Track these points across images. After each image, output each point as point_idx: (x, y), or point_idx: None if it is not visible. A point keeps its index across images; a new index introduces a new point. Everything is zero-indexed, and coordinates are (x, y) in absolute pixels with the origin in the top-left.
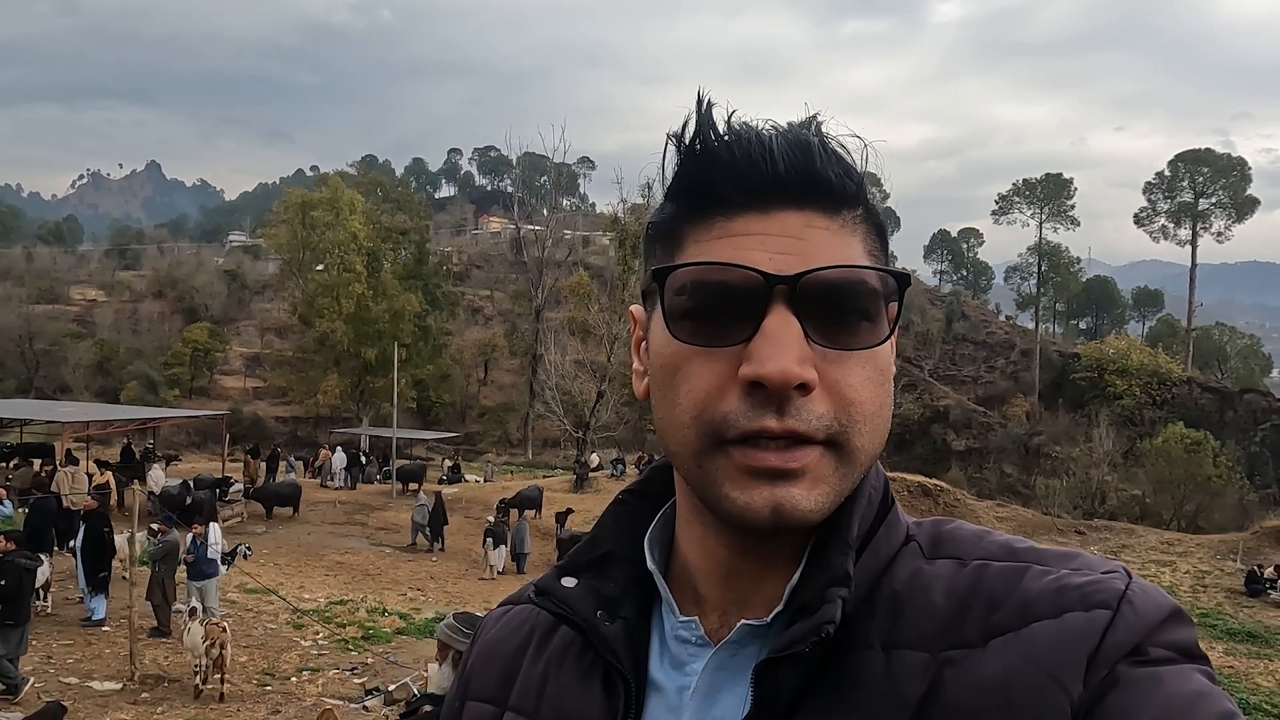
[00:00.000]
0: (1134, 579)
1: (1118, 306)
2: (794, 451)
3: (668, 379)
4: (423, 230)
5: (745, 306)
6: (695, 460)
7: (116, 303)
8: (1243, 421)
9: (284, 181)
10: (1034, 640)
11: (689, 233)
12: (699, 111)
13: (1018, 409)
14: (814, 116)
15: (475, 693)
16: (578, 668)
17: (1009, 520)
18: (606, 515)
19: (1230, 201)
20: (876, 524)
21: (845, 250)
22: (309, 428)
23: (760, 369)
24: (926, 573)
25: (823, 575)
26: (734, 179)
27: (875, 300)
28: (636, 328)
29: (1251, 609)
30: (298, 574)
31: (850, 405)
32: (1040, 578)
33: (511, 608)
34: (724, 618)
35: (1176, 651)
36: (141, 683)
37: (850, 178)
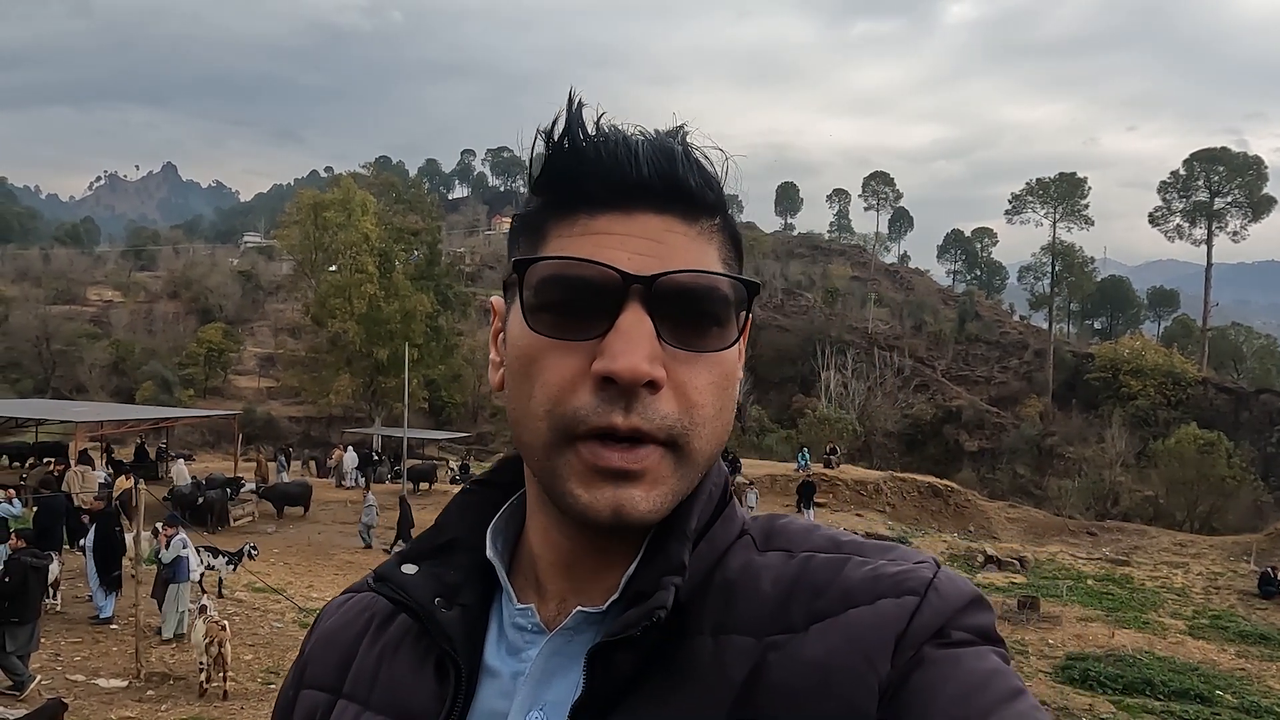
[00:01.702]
0: (942, 568)
1: (1133, 306)
2: (636, 452)
3: (523, 371)
4: (435, 231)
5: (602, 303)
6: (545, 454)
7: (132, 303)
8: (1258, 422)
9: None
10: (850, 624)
11: (553, 228)
12: (569, 110)
13: (1031, 409)
14: (681, 126)
15: (310, 680)
16: (413, 654)
17: (1020, 521)
18: (453, 504)
19: (1246, 201)
20: (714, 518)
21: (701, 256)
22: (322, 427)
23: (612, 364)
24: (757, 563)
25: (659, 564)
26: (599, 178)
27: (726, 306)
28: (496, 319)
29: (1265, 611)
30: (307, 573)
31: (693, 407)
32: (859, 568)
33: (353, 595)
34: (562, 606)
35: (975, 634)
36: (147, 680)
37: (710, 187)
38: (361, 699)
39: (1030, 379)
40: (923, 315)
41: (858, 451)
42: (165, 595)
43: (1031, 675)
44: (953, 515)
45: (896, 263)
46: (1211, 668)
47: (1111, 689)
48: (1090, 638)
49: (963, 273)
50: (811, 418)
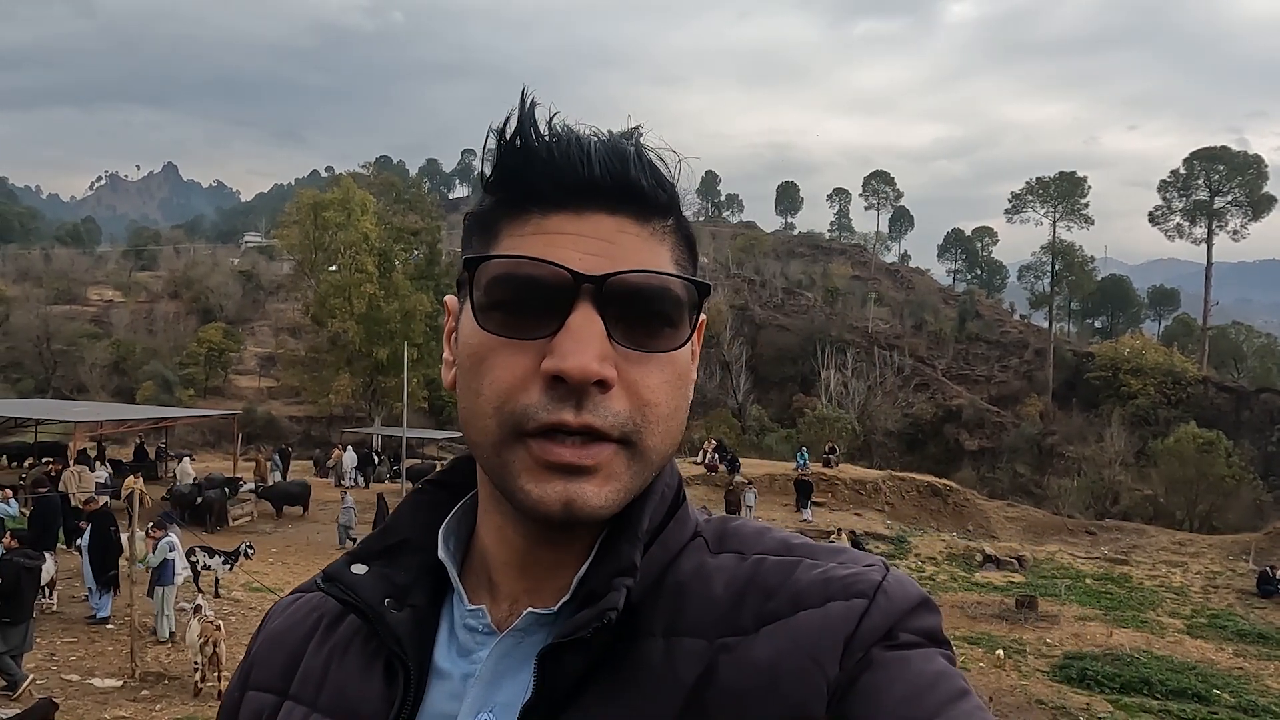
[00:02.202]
0: (890, 571)
1: (1133, 305)
2: (589, 448)
3: (473, 369)
4: (435, 230)
5: (552, 302)
6: (494, 450)
7: (133, 303)
8: (1259, 421)
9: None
10: (800, 626)
11: (505, 226)
12: (521, 109)
13: (1031, 409)
14: (636, 128)
15: (256, 682)
16: (361, 655)
17: (1019, 520)
18: (404, 504)
19: (1246, 199)
20: (667, 519)
21: (653, 256)
22: (322, 427)
23: (561, 364)
24: (710, 565)
25: (611, 565)
26: (551, 177)
27: (678, 307)
28: (449, 318)
29: (1263, 610)
30: (305, 573)
31: (646, 406)
32: (810, 570)
33: (301, 595)
34: (514, 607)
35: (923, 636)
36: (142, 680)
37: (663, 188)
38: (309, 701)
39: (1030, 378)
40: (923, 314)
41: (858, 451)
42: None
43: (1029, 674)
44: (952, 514)
45: (897, 262)
46: (1209, 667)
47: (1109, 688)
48: (1088, 637)
49: (963, 272)
50: (810, 417)
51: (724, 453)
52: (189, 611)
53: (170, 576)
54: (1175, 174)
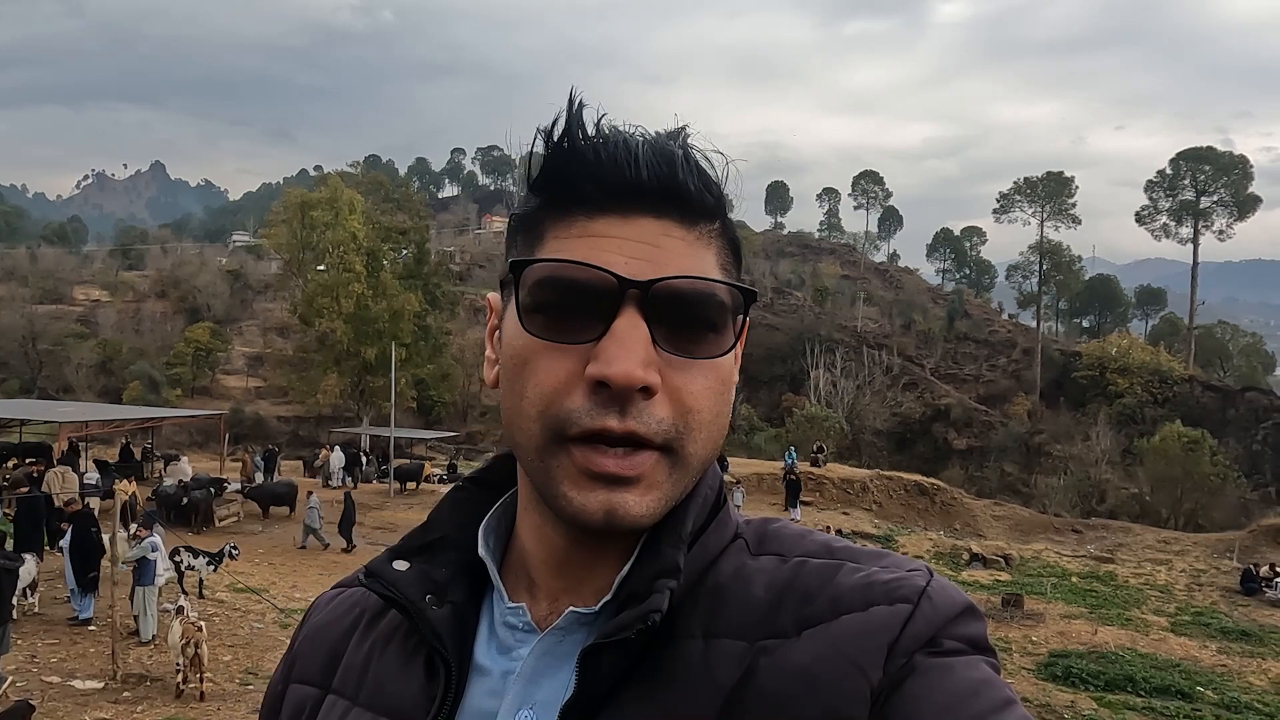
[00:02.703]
0: (935, 577)
1: (1120, 305)
2: (632, 458)
3: (516, 371)
4: (422, 230)
5: (597, 307)
6: (537, 454)
7: (120, 303)
8: (1244, 420)
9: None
10: (841, 631)
11: (550, 228)
12: (570, 111)
13: (1019, 408)
14: (683, 129)
15: (299, 675)
16: (402, 651)
17: (1006, 519)
18: (444, 501)
19: (1232, 200)
20: (708, 521)
21: (698, 262)
22: (310, 427)
23: (606, 369)
24: (750, 567)
25: (653, 567)
26: (597, 180)
27: (723, 312)
28: (492, 315)
29: (1247, 607)
30: (291, 573)
31: (689, 412)
32: (852, 574)
33: (344, 590)
34: (554, 605)
35: (967, 644)
36: (123, 682)
37: (710, 191)
38: (350, 695)
39: (1018, 377)
40: (912, 314)
41: (847, 450)
42: (134, 598)
43: (1015, 672)
44: (939, 513)
45: (886, 261)
46: (1193, 664)
47: (1094, 686)
48: (1073, 635)
49: (952, 271)
50: (799, 416)
51: None
52: (171, 612)
53: (151, 577)
54: (1162, 174)
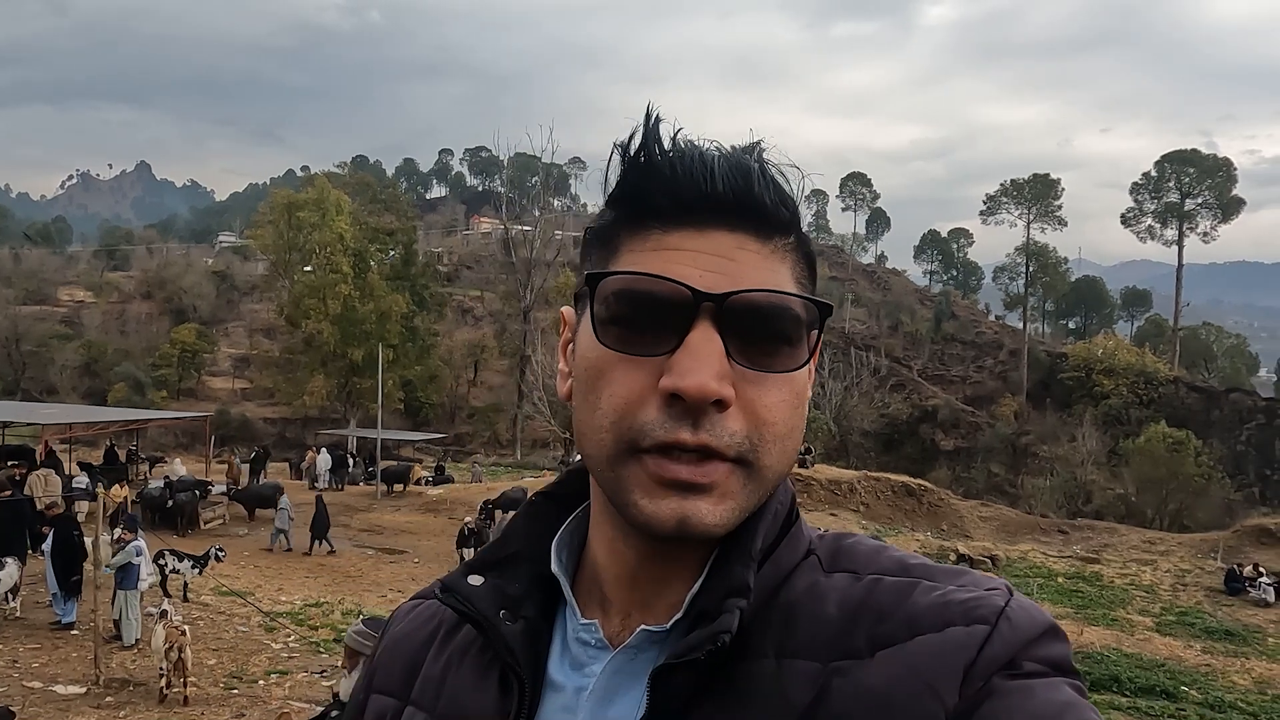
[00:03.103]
0: (1015, 596)
1: (1106, 306)
2: (704, 466)
3: (590, 383)
4: (410, 231)
5: (671, 319)
6: (609, 465)
7: (104, 304)
8: (1229, 420)
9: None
10: (917, 652)
11: (625, 241)
12: (646, 125)
13: (1005, 409)
14: (758, 143)
15: (380, 685)
16: (477, 665)
17: (993, 520)
18: (519, 516)
19: (1216, 202)
20: (780, 537)
21: (773, 275)
22: (297, 429)
23: (680, 382)
24: (823, 585)
25: (723, 585)
26: (673, 194)
27: (798, 326)
28: (566, 329)
29: (1230, 607)
30: (277, 576)
31: (763, 425)
32: (928, 593)
33: (421, 602)
34: (626, 621)
35: (1049, 666)
36: (106, 686)
37: (785, 205)
38: (428, 707)
39: (1005, 378)
40: (899, 315)
41: (835, 451)
42: (114, 602)
43: None
44: (926, 514)
45: (873, 263)
46: (1178, 664)
47: None
48: None
49: (939, 273)
50: None
51: None
52: (155, 616)
53: (135, 581)
54: (1147, 176)
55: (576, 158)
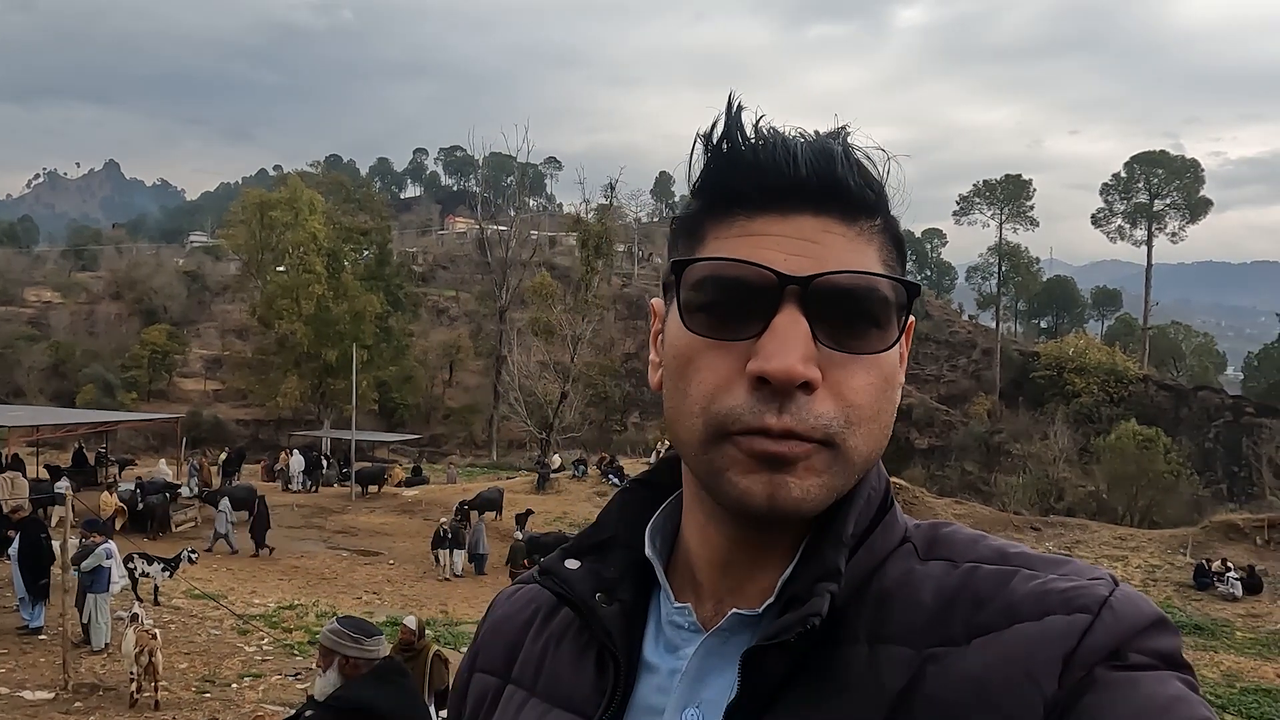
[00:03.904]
0: (1120, 586)
1: (1077, 306)
2: (790, 441)
3: (680, 370)
4: (384, 231)
5: (757, 304)
6: (701, 449)
7: (73, 304)
8: (1197, 418)
9: (246, 181)
10: (1014, 640)
11: (710, 229)
12: (728, 114)
13: (979, 407)
14: (843, 127)
15: (482, 665)
16: (575, 646)
17: (966, 517)
18: (613, 502)
19: (1184, 203)
20: (874, 524)
21: (859, 257)
22: (270, 430)
23: (766, 365)
24: (918, 573)
25: (815, 570)
26: (756, 180)
27: (885, 307)
28: (656, 320)
29: (1199, 602)
30: (250, 579)
31: (850, 408)
32: (1027, 581)
33: (522, 587)
34: (719, 606)
35: (1157, 658)
36: (75, 692)
37: (870, 187)
38: (528, 685)
39: (979, 377)
40: None
41: None
42: (83, 606)
43: None
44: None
45: None
46: None
47: None
48: None
49: (913, 272)
50: None
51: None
52: (125, 620)
53: (106, 584)
54: (1116, 177)
55: (552, 157)
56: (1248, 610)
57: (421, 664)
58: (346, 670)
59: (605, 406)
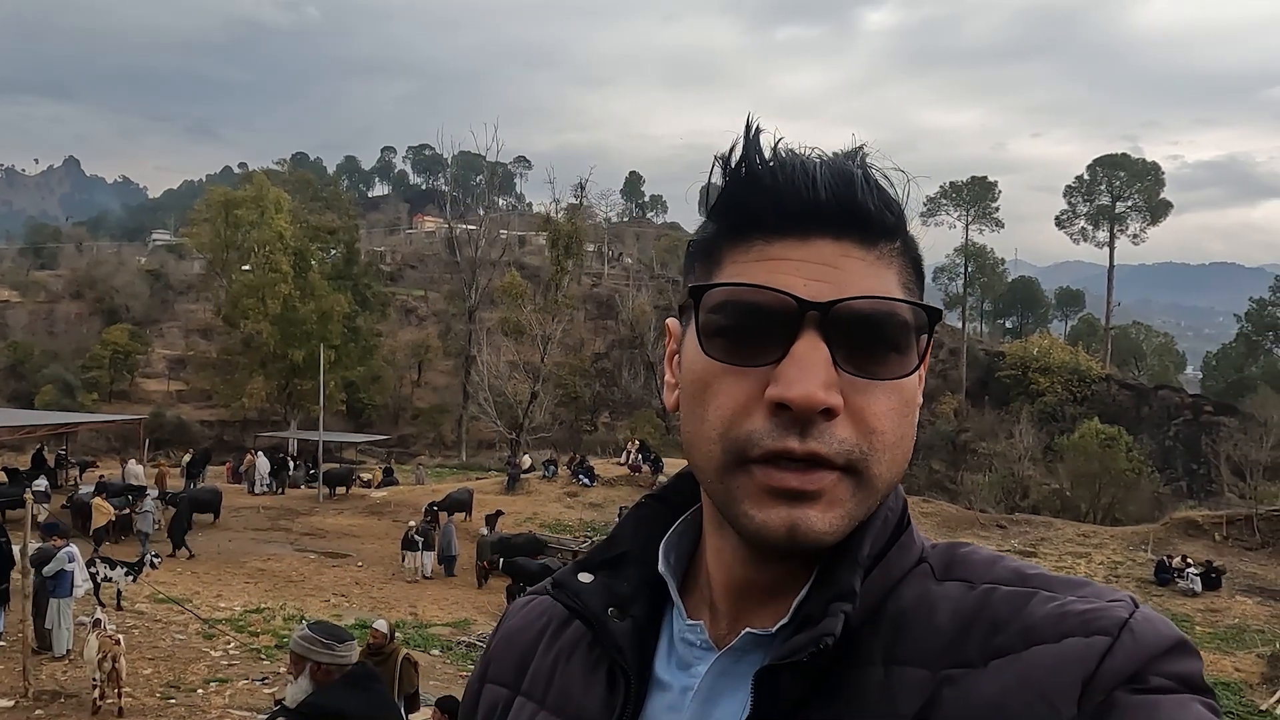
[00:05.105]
0: (1141, 608)
1: (1041, 306)
2: (813, 474)
3: (697, 395)
4: (352, 229)
5: (777, 329)
6: (718, 476)
7: (31, 303)
8: (1157, 417)
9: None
10: (1032, 663)
11: (728, 253)
12: (746, 136)
13: (946, 406)
14: (860, 148)
15: (493, 676)
16: (586, 660)
17: (934, 516)
18: (628, 517)
19: (1145, 205)
20: (889, 544)
21: (879, 282)
22: (236, 431)
23: (786, 391)
24: (934, 593)
25: (829, 590)
26: (775, 204)
27: (905, 332)
28: (671, 340)
29: (1161, 597)
30: (215, 582)
31: (872, 434)
32: (1045, 603)
33: (535, 598)
34: (733, 625)
35: (1177, 681)
36: (36, 699)
37: (890, 210)
38: (538, 698)
39: (945, 377)
40: None
41: None
42: (46, 611)
43: None
44: None
45: None
46: None
47: None
48: None
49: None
50: None
51: (647, 453)
52: (87, 626)
53: (69, 588)
54: (1080, 180)
55: (522, 156)
56: (1207, 605)
57: (391, 667)
58: (318, 676)
59: (575, 407)
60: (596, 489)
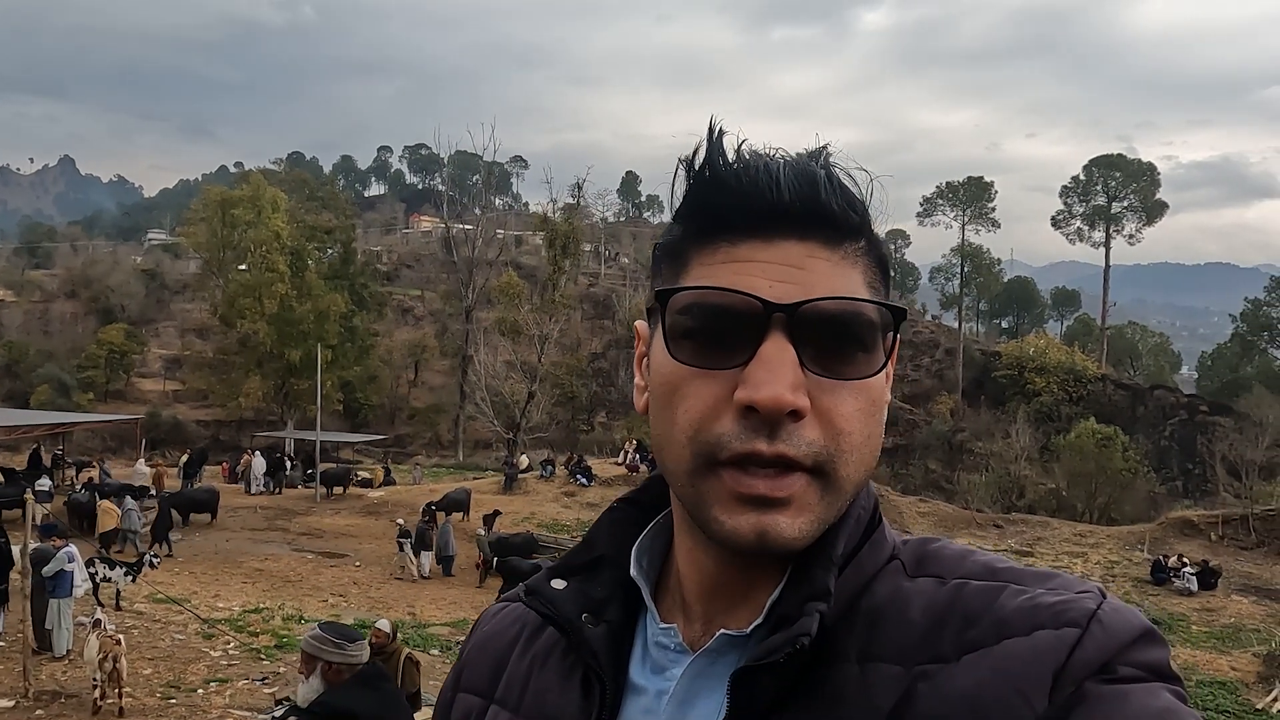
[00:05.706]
0: (1108, 599)
1: (1037, 306)
2: (782, 480)
3: (666, 397)
4: (348, 229)
5: (743, 332)
6: (688, 479)
7: (26, 303)
8: (1153, 416)
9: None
10: (1004, 656)
11: (694, 255)
12: (710, 139)
13: (942, 406)
14: (824, 148)
15: (466, 684)
16: (560, 667)
17: (930, 515)
18: (601, 521)
19: (1141, 205)
20: (862, 542)
21: (844, 282)
22: (232, 431)
23: (754, 394)
24: (907, 590)
25: (804, 590)
26: (739, 206)
27: (872, 332)
28: (640, 343)
29: (1156, 597)
30: (213, 582)
31: (840, 434)
32: (1015, 597)
33: (507, 604)
34: (707, 626)
35: (1146, 670)
36: (36, 700)
37: (854, 210)
38: (512, 706)
39: (941, 377)
40: None
41: None
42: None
43: None
44: None
45: None
46: None
47: None
48: None
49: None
50: None
51: (644, 453)
52: (86, 626)
53: (68, 588)
54: (1075, 180)
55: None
56: (1202, 605)
57: (393, 667)
58: (329, 676)
59: (572, 406)
60: (594, 489)
